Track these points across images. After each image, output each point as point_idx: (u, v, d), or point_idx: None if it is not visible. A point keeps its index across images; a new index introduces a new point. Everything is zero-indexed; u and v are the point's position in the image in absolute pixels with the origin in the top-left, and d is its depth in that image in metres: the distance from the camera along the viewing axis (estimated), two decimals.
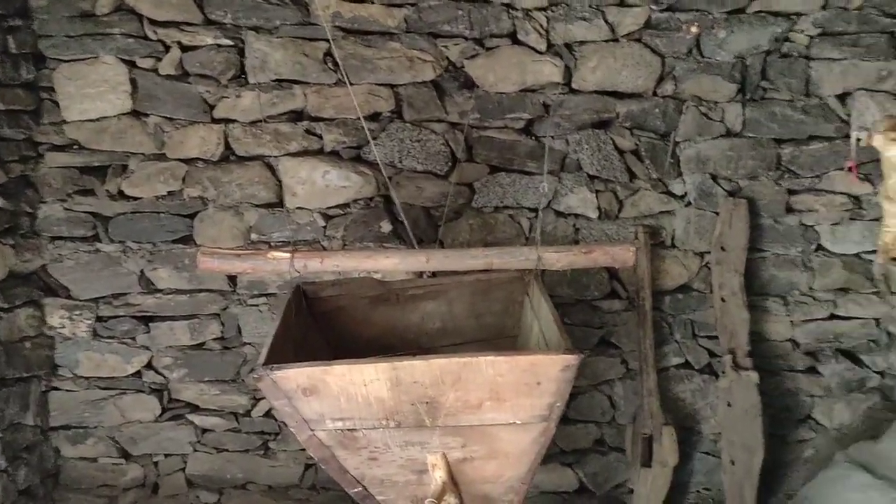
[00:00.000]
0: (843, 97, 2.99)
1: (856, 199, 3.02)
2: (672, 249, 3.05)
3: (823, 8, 2.94)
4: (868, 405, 3.03)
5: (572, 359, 1.75)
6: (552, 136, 2.96)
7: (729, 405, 2.94)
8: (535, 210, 2.97)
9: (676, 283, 3.06)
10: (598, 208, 3.00)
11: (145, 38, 2.80)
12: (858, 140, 1.84)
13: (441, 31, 2.89)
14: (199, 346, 2.98)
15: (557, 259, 2.10)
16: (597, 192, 3.00)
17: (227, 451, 3.06)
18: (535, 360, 1.77)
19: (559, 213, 3.01)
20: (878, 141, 1.86)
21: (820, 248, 3.07)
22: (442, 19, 2.87)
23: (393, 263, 2.10)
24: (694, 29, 2.84)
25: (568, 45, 2.94)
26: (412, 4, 2.87)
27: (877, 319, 3.09)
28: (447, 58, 2.91)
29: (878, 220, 2.79)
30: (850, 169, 2.56)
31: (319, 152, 2.90)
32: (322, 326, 2.42)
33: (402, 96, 2.91)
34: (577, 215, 3.01)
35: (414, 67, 2.88)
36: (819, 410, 3.11)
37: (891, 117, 1.99)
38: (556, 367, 1.76)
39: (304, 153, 2.89)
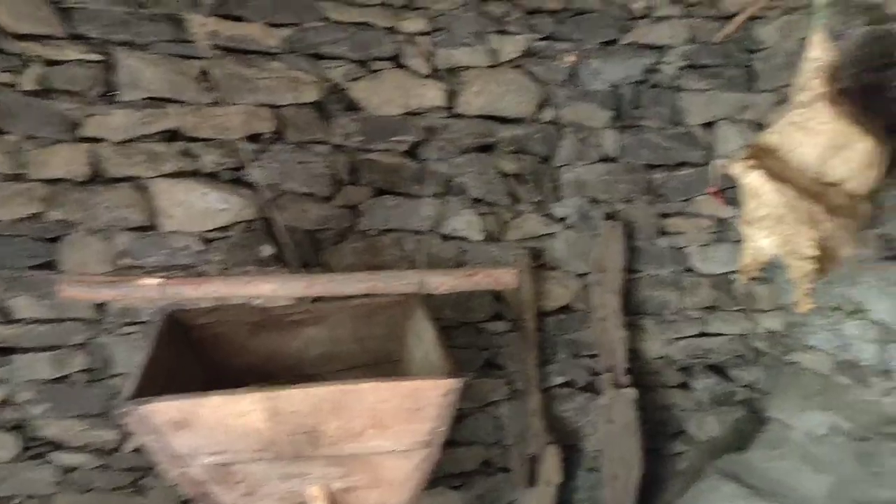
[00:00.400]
0: (708, 126, 3.18)
1: (721, 222, 3.20)
2: (554, 271, 3.13)
3: (689, 42, 3.12)
4: (736, 417, 3.20)
5: (454, 383, 1.75)
6: (437, 160, 2.98)
7: (609, 422, 3.03)
8: (421, 233, 2.98)
9: (558, 303, 3.14)
10: (483, 231, 3.03)
11: (2, 51, 2.61)
12: (718, 168, 1.94)
13: (324, 53, 2.85)
14: (64, 378, 2.78)
15: (441, 283, 2.10)
16: (481, 214, 3.03)
17: (94, 490, 2.86)
18: (417, 385, 1.75)
19: (445, 236, 3.02)
20: (735, 169, 1.97)
21: (690, 268, 3.23)
22: (324, 41, 2.84)
23: (273, 289, 2.03)
24: (569, 58, 2.94)
25: (451, 70, 2.97)
26: (294, 25, 2.82)
27: (742, 335, 3.27)
28: (330, 79, 2.87)
29: (741, 241, 2.96)
30: (713, 194, 2.71)
31: (197, 173, 2.79)
32: (198, 355, 2.32)
33: (285, 117, 2.85)
34: (462, 238, 3.03)
35: (296, 88, 2.83)
36: (692, 424, 3.25)
37: (749, 146, 2.12)
38: (438, 391, 1.75)
39: (180, 174, 2.76)
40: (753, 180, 1.97)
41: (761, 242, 2.03)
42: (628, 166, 3.13)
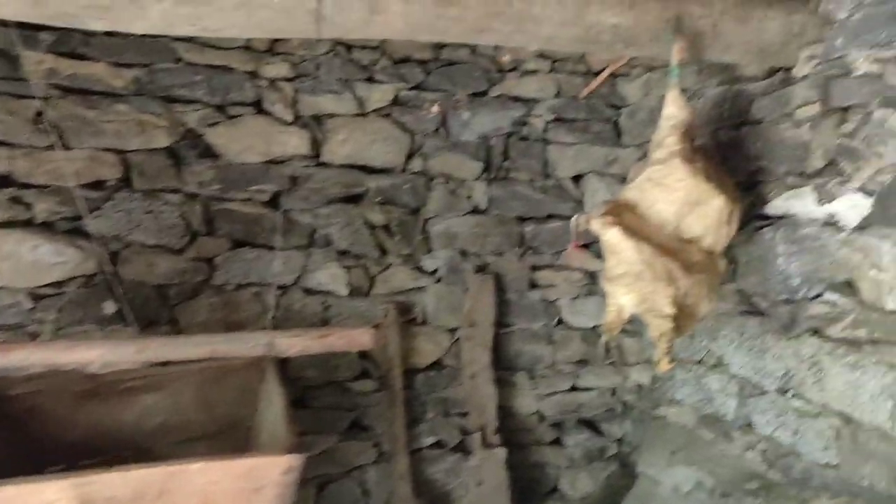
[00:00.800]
0: (577, 179, 3.20)
1: (591, 275, 3.20)
2: (424, 326, 3.02)
3: (557, 96, 3.14)
4: (607, 473, 3.16)
5: (294, 460, 1.59)
6: (301, 210, 2.84)
7: (479, 484, 2.91)
8: (283, 287, 2.81)
9: (428, 360, 3.02)
10: (349, 285, 2.90)
11: None
12: (579, 223, 1.90)
13: (177, 96, 2.68)
14: None
15: (291, 345, 1.95)
16: (347, 268, 2.91)
17: None
18: (253, 464, 1.58)
19: (308, 291, 2.86)
20: (595, 225, 1.94)
21: (561, 321, 3.21)
22: (178, 83, 2.67)
23: (97, 356, 1.82)
24: (435, 108, 2.89)
25: (316, 118, 2.87)
26: (144, 66, 2.64)
27: (613, 389, 3.26)
28: (184, 124, 2.70)
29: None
30: (575, 248, 2.70)
31: (28, 223, 2.52)
32: (15, 431, 2.04)
33: (132, 163, 2.64)
34: (326, 292, 2.88)
35: (145, 132, 2.64)
36: (565, 481, 3.18)
37: (608, 202, 2.10)
38: (278, 469, 1.59)
39: (8, 224, 2.49)
40: (612, 237, 1.94)
41: (622, 300, 2.00)
42: (498, 218, 3.09)
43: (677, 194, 2.03)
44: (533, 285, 3.16)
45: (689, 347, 2.78)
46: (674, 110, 2.08)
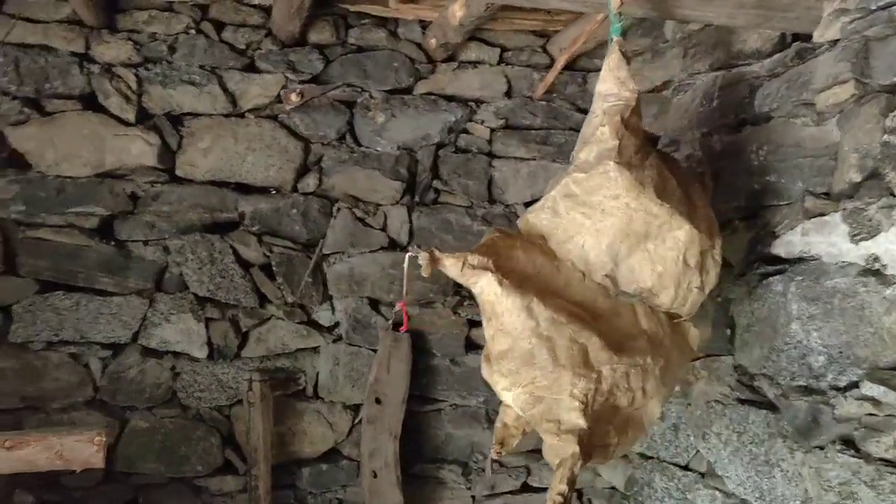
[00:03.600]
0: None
1: None
2: (314, 401, 2.27)
3: (507, 95, 2.40)
4: None
5: None
6: (144, 241, 2.15)
7: None
8: (113, 346, 2.08)
9: (319, 449, 2.29)
10: (209, 344, 2.18)
11: None
12: (416, 263, 1.09)
13: None
14: None
15: None
16: (208, 320, 2.20)
17: None
18: None
19: (149, 351, 2.14)
20: (451, 268, 1.13)
21: None
22: None
23: None
24: (293, 96, 2.11)
25: (171, 117, 2.19)
26: None
27: (578, 491, 2.40)
28: None
29: None
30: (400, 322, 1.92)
31: None
32: None
33: None
34: (176, 353, 2.16)
35: None
36: None
37: (494, 231, 1.29)
38: None
39: None
40: (484, 289, 1.13)
41: (504, 396, 1.18)
42: None
43: (611, 220, 1.23)
44: (470, 346, 2.36)
45: (671, 444, 1.94)
46: (611, 86, 1.29)
